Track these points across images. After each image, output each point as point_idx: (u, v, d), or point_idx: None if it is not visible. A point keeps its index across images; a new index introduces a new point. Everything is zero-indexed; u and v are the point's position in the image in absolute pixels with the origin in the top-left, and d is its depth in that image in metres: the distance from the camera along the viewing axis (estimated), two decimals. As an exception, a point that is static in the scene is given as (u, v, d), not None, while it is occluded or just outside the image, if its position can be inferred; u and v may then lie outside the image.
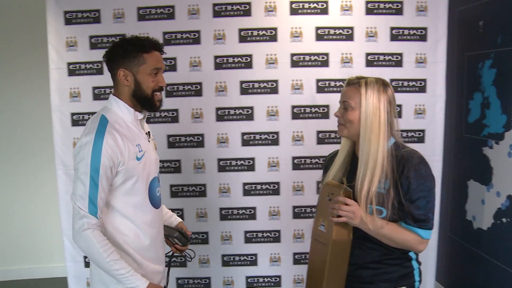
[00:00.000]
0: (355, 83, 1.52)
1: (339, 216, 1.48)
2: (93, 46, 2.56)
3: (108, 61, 1.64)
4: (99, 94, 2.60)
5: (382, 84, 1.53)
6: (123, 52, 1.59)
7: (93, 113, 2.46)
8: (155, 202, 1.68)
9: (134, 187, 1.60)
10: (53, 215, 3.08)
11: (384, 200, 1.48)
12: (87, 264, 2.66)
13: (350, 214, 1.47)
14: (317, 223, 1.58)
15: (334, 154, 1.69)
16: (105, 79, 2.44)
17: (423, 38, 2.53)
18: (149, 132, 1.73)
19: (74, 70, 2.57)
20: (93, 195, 1.50)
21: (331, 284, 1.54)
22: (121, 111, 1.63)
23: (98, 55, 2.40)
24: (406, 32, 2.53)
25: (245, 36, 2.54)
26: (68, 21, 2.54)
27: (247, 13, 2.52)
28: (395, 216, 1.49)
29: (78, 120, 2.60)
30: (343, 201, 1.47)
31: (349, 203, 1.47)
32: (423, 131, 2.60)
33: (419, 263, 1.64)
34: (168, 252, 1.85)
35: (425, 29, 2.53)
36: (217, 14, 2.53)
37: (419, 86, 2.57)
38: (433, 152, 2.56)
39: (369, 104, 1.48)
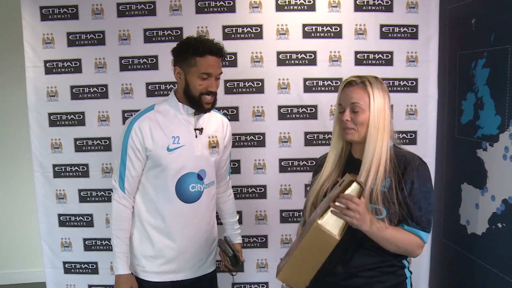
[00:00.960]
0: (360, 83, 1.48)
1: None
2: (71, 43, 2.46)
3: (173, 56, 1.79)
4: (77, 94, 2.50)
5: (380, 81, 1.51)
6: (181, 51, 1.73)
7: (71, 113, 2.53)
8: (184, 197, 1.78)
9: (160, 174, 1.75)
10: (31, 219, 2.99)
11: (385, 199, 1.43)
12: (66, 270, 2.60)
13: (357, 215, 1.32)
14: (316, 210, 1.45)
15: (326, 156, 1.64)
16: (84, 77, 2.48)
17: (414, 36, 2.45)
18: (202, 128, 1.81)
19: (51, 68, 2.47)
20: (122, 171, 1.74)
21: (295, 269, 1.38)
22: (171, 103, 1.79)
23: (76, 52, 2.49)
24: (396, 29, 2.44)
25: (229, 33, 2.45)
26: (44, 17, 2.44)
27: (231, 9, 2.43)
28: (397, 215, 1.44)
29: (55, 120, 2.52)
30: (350, 198, 1.31)
31: (357, 203, 1.31)
32: (414, 132, 2.52)
33: (411, 272, 1.59)
34: (218, 262, 2.06)
35: (416, 26, 2.44)
36: (200, 10, 2.43)
37: (410, 86, 2.48)
38: (425, 154, 2.45)
39: (377, 103, 1.47)
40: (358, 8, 2.43)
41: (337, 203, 1.32)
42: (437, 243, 2.81)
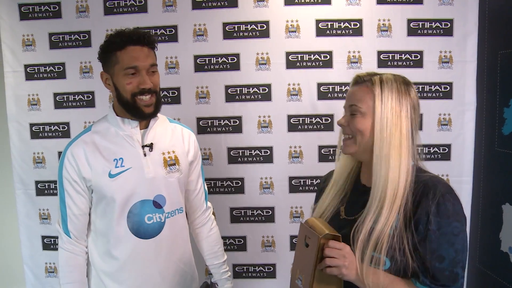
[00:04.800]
0: (367, 81, 1.20)
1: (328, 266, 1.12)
2: (54, 45, 2.32)
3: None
4: (61, 102, 2.37)
5: (403, 82, 1.19)
6: (101, 52, 1.52)
7: (54, 124, 2.40)
8: (141, 231, 1.52)
9: (107, 208, 1.50)
10: (12, 237, 2.75)
11: (390, 246, 1.11)
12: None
13: (341, 260, 1.09)
14: (294, 275, 1.26)
15: (331, 175, 1.39)
16: (68, 83, 2.44)
17: (448, 32, 2.24)
18: (151, 144, 1.55)
19: (32, 73, 2.35)
20: (63, 210, 1.51)
21: None
22: (110, 119, 1.56)
23: (59, 55, 2.34)
24: (427, 25, 2.24)
25: (231, 32, 2.27)
26: (23, 16, 2.31)
27: (233, 3, 2.26)
28: (410, 267, 1.11)
29: (38, 132, 2.38)
30: (333, 246, 1.11)
31: (339, 247, 1.11)
32: (448, 146, 2.30)
33: None
34: None
35: (450, 21, 2.23)
36: (197, 5, 2.26)
37: (444, 91, 2.27)
38: (461, 171, 2.29)
39: (387, 109, 1.15)
40: (381, 0, 2.24)
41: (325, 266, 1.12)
42: (472, 270, 2.59)
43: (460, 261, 1.10)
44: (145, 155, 1.52)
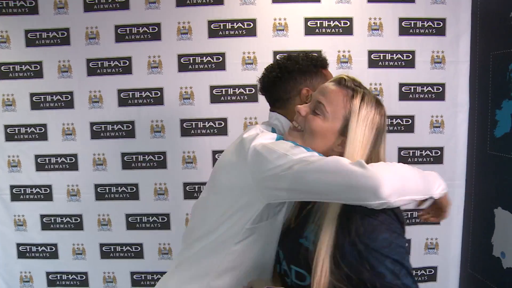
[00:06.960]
0: (349, 87, 1.13)
1: None
2: (30, 42, 2.24)
3: (277, 86, 1.40)
4: (38, 102, 2.29)
5: (377, 103, 1.13)
6: (303, 70, 1.40)
7: (31, 126, 2.30)
8: None
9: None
10: None
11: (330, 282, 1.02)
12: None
13: None
14: None
15: None
16: (45, 83, 2.26)
17: (440, 31, 2.20)
18: None
19: (7, 72, 2.26)
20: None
21: None
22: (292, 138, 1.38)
23: (36, 53, 2.26)
24: (419, 24, 2.19)
25: (216, 30, 2.20)
26: None
27: (218, 1, 2.19)
28: None
29: (13, 134, 2.30)
30: None
31: None
32: (441, 149, 2.26)
33: None
34: None
35: (443, 20, 2.19)
36: (181, 2, 2.19)
37: (436, 93, 2.22)
38: (453, 175, 2.26)
39: (359, 125, 1.09)
40: (372, -2, 2.17)
41: None
42: (464, 275, 2.59)
43: (402, 269, 0.99)
44: None
